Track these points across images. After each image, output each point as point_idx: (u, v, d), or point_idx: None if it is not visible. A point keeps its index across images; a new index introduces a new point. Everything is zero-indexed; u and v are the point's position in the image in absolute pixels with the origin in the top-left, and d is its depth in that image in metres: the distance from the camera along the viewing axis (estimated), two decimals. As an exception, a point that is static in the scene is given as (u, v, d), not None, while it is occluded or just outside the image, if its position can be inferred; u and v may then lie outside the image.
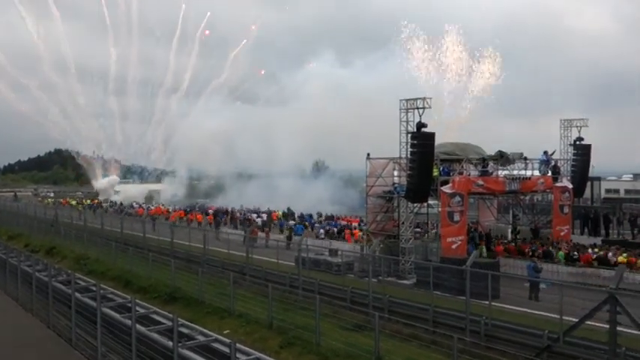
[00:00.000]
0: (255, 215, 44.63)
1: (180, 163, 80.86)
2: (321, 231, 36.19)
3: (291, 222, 41.80)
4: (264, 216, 43.56)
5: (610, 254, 23.55)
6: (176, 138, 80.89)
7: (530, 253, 24.55)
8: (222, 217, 45.33)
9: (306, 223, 40.37)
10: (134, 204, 65.16)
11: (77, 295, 15.64)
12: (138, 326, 12.42)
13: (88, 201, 71.15)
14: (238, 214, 46.36)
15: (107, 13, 77.79)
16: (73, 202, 68.54)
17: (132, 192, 79.13)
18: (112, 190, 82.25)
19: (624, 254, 23.42)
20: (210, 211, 49.08)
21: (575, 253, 24.04)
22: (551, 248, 24.75)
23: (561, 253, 24.15)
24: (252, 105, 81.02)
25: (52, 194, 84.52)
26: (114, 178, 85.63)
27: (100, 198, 76.23)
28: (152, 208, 57.88)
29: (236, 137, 74.14)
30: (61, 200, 72.12)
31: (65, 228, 37.47)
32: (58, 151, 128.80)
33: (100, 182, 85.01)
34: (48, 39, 77.33)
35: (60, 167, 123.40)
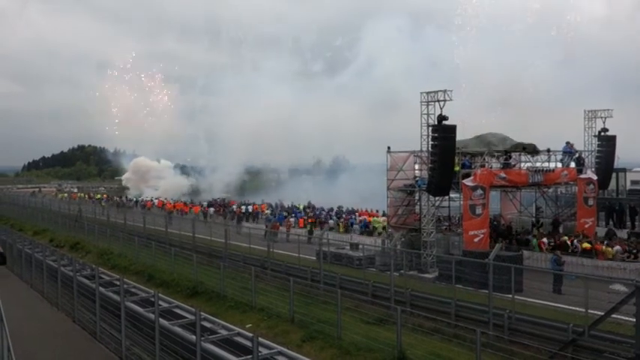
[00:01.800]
0: (243, 207, 47.88)
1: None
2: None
3: (267, 211, 46.10)
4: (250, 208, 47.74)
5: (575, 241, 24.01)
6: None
7: (549, 247, 24.24)
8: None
9: (285, 214, 42.47)
10: (144, 198, 66.93)
11: (101, 289, 15.82)
12: (161, 320, 12.52)
13: (98, 195, 72.97)
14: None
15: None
16: (83, 197, 71.23)
17: (173, 187, 75.67)
18: (144, 186, 79.76)
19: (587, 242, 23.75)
20: (204, 203, 54.16)
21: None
22: (575, 241, 24.34)
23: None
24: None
25: (75, 190, 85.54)
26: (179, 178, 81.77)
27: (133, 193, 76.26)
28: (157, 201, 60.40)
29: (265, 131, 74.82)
30: (72, 194, 75.20)
31: (89, 223, 37.97)
32: (80, 147, 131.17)
33: (168, 182, 78.88)
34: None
35: (83, 163, 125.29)
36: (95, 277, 16.52)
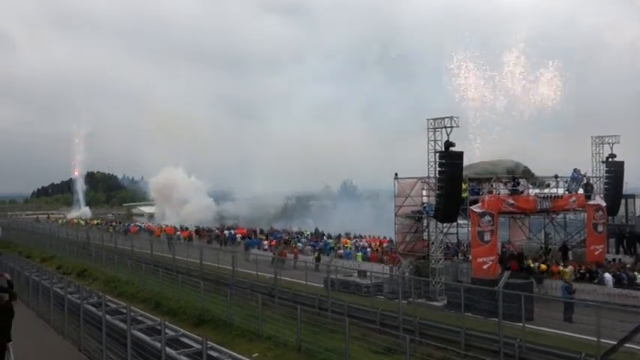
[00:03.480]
0: (227, 232, 49.51)
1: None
2: (307, 247, 38.26)
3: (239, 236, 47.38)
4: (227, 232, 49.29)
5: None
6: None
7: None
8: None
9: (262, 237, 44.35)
10: (137, 223, 66.93)
11: (108, 317, 15.75)
12: (167, 349, 12.43)
13: (97, 221, 72.76)
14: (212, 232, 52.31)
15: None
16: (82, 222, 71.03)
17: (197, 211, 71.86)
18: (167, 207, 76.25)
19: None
20: (193, 228, 55.54)
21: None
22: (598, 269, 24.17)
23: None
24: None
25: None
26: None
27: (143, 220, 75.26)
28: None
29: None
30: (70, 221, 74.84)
31: (96, 250, 37.96)
32: (90, 174, 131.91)
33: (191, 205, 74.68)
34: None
35: (91, 189, 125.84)
36: (102, 304, 16.45)
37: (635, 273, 23.59)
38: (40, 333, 20.41)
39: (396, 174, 26.10)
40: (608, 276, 23.05)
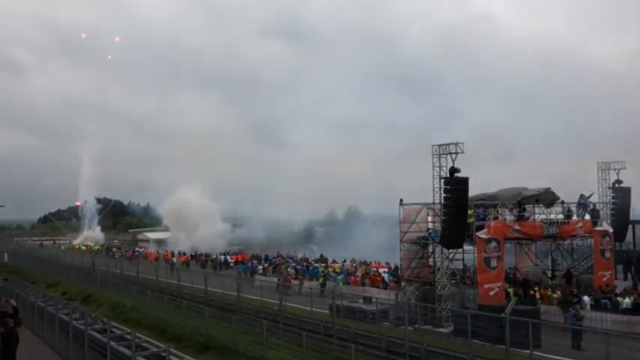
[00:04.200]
0: (222, 257, 51.59)
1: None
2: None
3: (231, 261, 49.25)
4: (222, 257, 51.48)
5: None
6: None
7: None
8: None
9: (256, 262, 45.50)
10: (138, 249, 67.40)
11: (112, 343, 15.71)
12: (172, 376, 12.37)
13: (97, 247, 73.65)
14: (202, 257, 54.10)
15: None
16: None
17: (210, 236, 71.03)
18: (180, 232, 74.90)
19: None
20: (180, 252, 57.34)
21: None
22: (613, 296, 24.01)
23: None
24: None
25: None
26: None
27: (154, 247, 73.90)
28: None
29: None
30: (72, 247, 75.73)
31: (102, 276, 37.93)
32: (97, 200, 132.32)
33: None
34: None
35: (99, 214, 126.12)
36: (107, 331, 16.43)
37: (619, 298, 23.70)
38: (44, 359, 20.32)
39: (401, 200, 26.13)
40: (586, 299, 23.36)
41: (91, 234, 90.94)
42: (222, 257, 51.66)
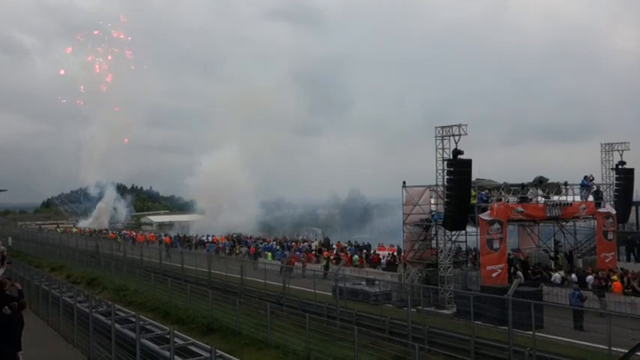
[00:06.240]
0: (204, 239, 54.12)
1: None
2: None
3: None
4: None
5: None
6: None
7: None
8: (176, 241, 54.21)
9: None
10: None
11: (117, 326, 15.75)
12: (176, 358, 12.40)
13: (90, 230, 75.10)
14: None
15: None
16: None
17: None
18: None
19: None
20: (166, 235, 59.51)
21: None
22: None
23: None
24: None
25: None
26: None
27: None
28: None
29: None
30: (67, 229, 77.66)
31: (106, 259, 38.07)
32: (98, 184, 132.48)
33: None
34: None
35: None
36: (111, 313, 16.48)
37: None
38: (49, 342, 20.45)
39: (404, 182, 26.05)
40: (557, 275, 24.14)
41: (103, 219, 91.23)
42: (206, 238, 54.07)
